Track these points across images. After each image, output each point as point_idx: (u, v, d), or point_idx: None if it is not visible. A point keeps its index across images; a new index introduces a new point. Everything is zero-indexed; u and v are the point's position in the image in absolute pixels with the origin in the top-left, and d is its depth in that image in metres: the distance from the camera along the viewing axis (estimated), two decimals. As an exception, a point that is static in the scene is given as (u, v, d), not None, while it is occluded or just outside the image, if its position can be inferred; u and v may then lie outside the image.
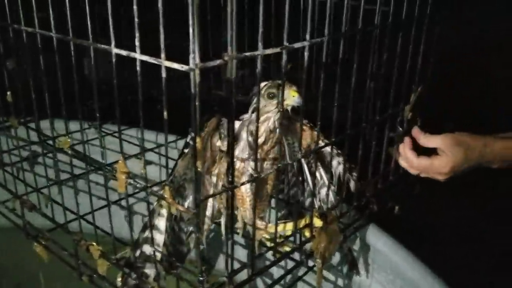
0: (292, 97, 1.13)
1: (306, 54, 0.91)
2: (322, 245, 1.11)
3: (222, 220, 1.34)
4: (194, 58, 0.71)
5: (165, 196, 0.83)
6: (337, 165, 1.38)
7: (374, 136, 1.27)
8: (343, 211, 1.29)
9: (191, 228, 1.34)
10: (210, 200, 1.33)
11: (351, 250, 1.41)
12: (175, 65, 0.74)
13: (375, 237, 1.34)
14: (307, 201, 1.45)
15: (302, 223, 1.14)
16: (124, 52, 0.83)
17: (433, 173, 1.28)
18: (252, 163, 1.23)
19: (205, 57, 0.73)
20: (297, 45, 0.88)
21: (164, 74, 0.77)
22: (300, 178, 1.44)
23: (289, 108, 1.17)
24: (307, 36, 0.90)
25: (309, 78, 1.00)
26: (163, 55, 0.75)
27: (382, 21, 1.12)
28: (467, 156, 1.23)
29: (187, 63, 0.72)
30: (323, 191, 1.41)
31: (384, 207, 1.40)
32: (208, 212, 1.34)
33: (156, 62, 0.77)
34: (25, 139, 1.36)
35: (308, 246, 1.16)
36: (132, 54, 0.81)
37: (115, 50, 0.84)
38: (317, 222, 1.10)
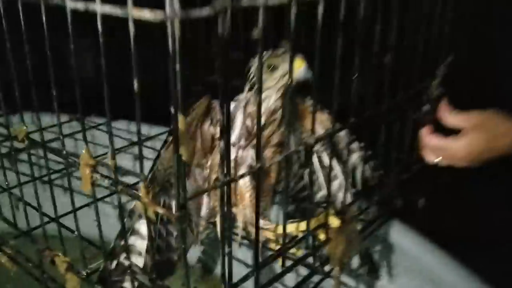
0: (297, 69, 0.92)
1: (320, 7, 0.71)
2: (340, 248, 0.91)
3: (218, 220, 1.14)
4: (173, 3, 0.51)
5: (140, 195, 0.62)
6: (351, 153, 1.19)
7: (396, 118, 1.07)
8: (362, 207, 1.09)
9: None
10: (205, 197, 1.13)
11: (369, 251, 1.21)
12: (147, 14, 0.53)
13: (400, 235, 1.14)
14: (317, 196, 1.25)
15: (314, 222, 0.94)
16: (80, 5, 0.62)
17: (449, 157, 1.07)
18: (252, 152, 1.03)
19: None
20: (309, -6, 0.68)
21: (132, 29, 0.57)
22: (308, 170, 1.25)
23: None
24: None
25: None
26: (130, 2, 0.55)
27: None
28: (490, 143, 1.02)
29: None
30: (335, 184, 1.22)
31: (407, 201, 1.20)
32: (203, 212, 1.14)
33: (121, 15, 0.57)
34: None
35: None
36: (91, 7, 0.60)
37: (70, 4, 0.63)
38: (334, 222, 0.90)
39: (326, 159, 1.21)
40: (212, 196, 1.09)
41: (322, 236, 0.91)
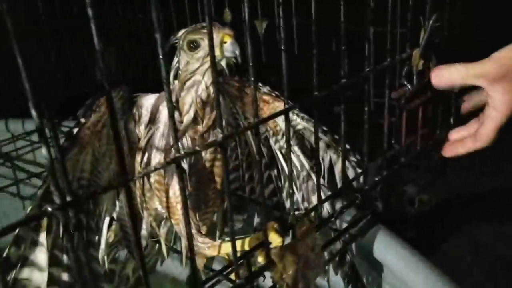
0: (223, 45, 0.73)
1: None
2: (290, 273, 0.70)
3: (162, 239, 0.95)
4: None
5: None
6: (325, 148, 0.98)
7: (368, 99, 0.85)
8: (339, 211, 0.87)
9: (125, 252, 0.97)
10: (144, 212, 0.93)
11: (354, 265, 0.99)
12: None
13: (383, 247, 0.91)
14: (288, 201, 1.04)
15: (253, 241, 0.73)
16: None
17: (470, 143, 0.84)
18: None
19: None
20: None
21: None
22: (276, 172, 1.04)
23: (223, 64, 0.76)
24: None
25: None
26: None
27: None
28: None
29: None
30: (309, 185, 1.00)
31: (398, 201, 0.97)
32: (143, 229, 0.95)
33: None
34: None
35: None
36: None
37: None
38: (275, 240, 0.69)
39: (293, 157, 1.00)
40: (146, 212, 0.90)
41: (260, 259, 0.69)
